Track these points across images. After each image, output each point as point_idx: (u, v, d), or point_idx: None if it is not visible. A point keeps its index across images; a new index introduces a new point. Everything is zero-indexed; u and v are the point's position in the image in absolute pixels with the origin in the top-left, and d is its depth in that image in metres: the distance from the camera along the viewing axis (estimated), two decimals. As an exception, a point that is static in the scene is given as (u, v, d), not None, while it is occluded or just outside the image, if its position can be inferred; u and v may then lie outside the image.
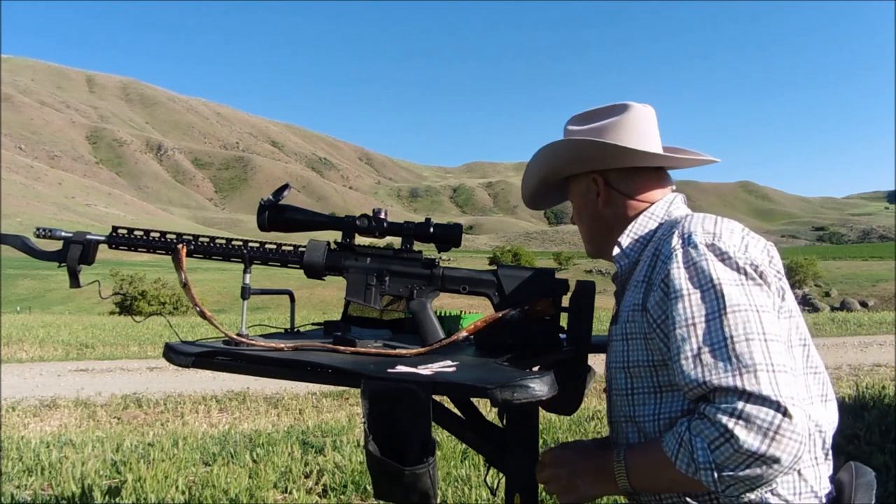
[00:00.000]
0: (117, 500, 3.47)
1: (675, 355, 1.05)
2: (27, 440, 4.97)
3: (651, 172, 1.32)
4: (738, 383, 0.97)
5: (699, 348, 1.02)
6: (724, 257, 1.07)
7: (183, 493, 3.54)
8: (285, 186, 1.36)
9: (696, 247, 1.09)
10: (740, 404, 0.96)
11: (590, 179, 1.32)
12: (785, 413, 0.94)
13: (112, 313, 28.64)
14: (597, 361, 1.38)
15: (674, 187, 1.34)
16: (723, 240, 1.09)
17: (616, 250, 1.26)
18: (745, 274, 1.07)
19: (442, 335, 1.35)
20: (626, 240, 1.25)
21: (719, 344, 1.01)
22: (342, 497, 3.56)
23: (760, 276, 1.08)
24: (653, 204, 1.29)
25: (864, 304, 35.84)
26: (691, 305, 1.05)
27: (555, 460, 1.22)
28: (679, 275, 1.08)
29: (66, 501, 3.49)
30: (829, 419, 1.15)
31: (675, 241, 1.12)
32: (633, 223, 1.27)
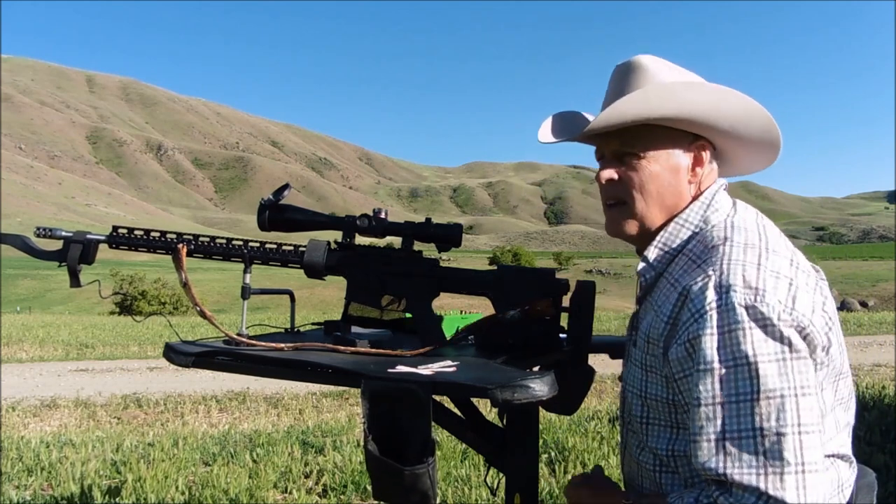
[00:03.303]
0: (117, 500, 3.47)
1: (695, 433, 0.95)
2: (27, 440, 4.97)
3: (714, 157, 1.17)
4: (762, 484, 0.89)
5: (723, 433, 0.92)
6: (765, 324, 0.93)
7: (183, 493, 3.55)
8: (285, 186, 1.36)
9: (733, 310, 0.94)
10: None
11: (695, 144, 1.12)
12: None
13: (112, 313, 28.64)
14: (597, 361, 1.38)
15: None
16: (766, 299, 0.94)
17: (641, 265, 1.13)
18: (790, 345, 0.93)
19: (442, 335, 1.35)
20: (653, 252, 1.12)
21: (746, 433, 0.91)
22: (342, 497, 3.56)
23: (805, 339, 0.95)
24: (688, 206, 1.12)
25: (864, 304, 35.83)
26: (720, 382, 0.93)
27: (571, 497, 1.20)
28: (710, 343, 0.94)
29: (66, 501, 3.49)
30: (849, 442, 1.12)
31: (710, 296, 0.96)
32: (663, 232, 1.12)
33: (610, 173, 1.14)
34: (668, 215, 1.12)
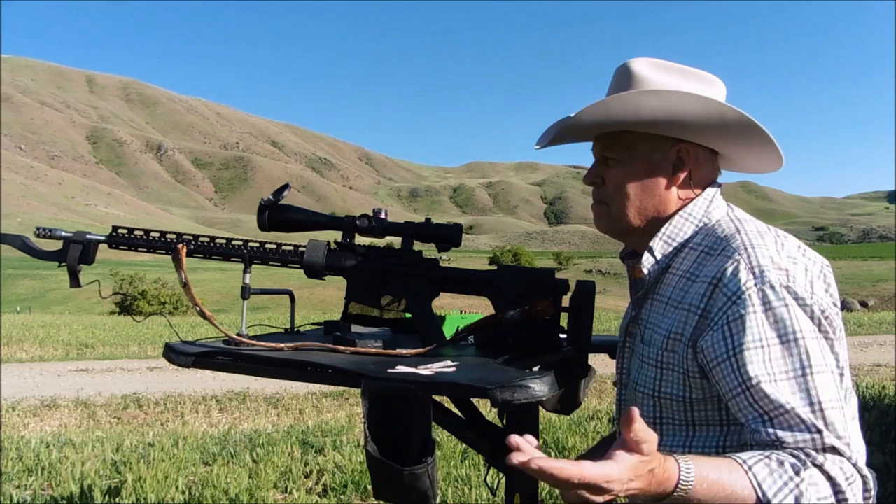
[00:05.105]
0: (117, 500, 3.47)
1: (744, 412, 0.95)
2: (27, 440, 4.97)
3: (716, 158, 1.17)
4: (847, 453, 0.91)
5: (774, 410, 0.93)
6: (802, 304, 0.96)
7: (183, 493, 3.55)
8: (285, 186, 1.36)
9: (773, 288, 0.96)
10: (852, 471, 0.91)
11: (675, 148, 1.12)
12: (866, 484, 0.92)
13: (112, 313, 28.66)
14: (597, 361, 1.38)
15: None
16: (797, 281, 0.98)
17: (647, 257, 1.11)
18: (819, 325, 0.97)
19: (442, 335, 1.35)
20: (659, 244, 1.11)
21: (816, 406, 0.92)
22: (342, 497, 3.56)
23: (826, 321, 0.98)
24: (690, 201, 1.13)
25: (864, 304, 35.83)
26: (776, 358, 0.94)
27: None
28: (756, 321, 0.95)
29: (66, 501, 3.49)
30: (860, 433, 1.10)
31: (745, 277, 0.97)
32: (668, 224, 1.11)
33: (590, 176, 1.18)
34: (648, 218, 1.13)
